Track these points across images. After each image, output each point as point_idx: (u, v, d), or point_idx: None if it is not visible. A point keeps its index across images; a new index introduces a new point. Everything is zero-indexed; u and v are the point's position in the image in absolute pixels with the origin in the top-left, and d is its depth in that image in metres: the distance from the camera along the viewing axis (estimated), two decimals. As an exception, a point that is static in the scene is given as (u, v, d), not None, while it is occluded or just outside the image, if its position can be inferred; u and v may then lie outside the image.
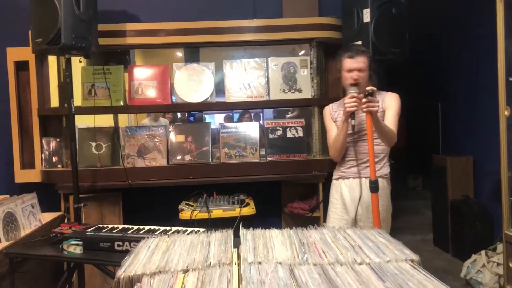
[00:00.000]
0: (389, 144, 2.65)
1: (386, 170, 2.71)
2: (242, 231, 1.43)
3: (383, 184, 2.63)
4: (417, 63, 4.83)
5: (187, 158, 3.55)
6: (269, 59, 3.72)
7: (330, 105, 2.88)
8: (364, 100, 2.38)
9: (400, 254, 1.23)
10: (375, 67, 2.68)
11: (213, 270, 1.15)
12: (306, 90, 3.71)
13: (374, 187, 2.36)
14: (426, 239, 5.11)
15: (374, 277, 1.08)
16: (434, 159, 4.96)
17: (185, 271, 1.16)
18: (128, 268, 1.20)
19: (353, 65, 2.57)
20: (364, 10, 3.20)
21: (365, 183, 2.61)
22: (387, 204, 2.69)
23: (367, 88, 2.41)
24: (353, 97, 2.43)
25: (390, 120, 2.63)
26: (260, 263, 1.16)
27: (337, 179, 2.78)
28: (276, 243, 1.33)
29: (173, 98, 3.71)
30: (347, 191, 2.69)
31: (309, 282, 1.05)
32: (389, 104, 2.67)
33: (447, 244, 4.68)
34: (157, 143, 3.58)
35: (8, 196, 3.22)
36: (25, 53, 3.49)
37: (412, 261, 1.19)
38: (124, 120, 4.59)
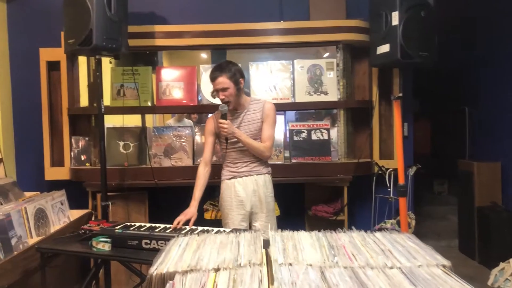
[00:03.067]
0: (261, 158, 2.84)
1: (267, 169, 2.90)
2: (271, 233, 1.43)
3: (265, 178, 2.86)
4: (444, 66, 4.75)
5: (213, 158, 3.57)
6: (295, 61, 3.72)
7: (213, 116, 2.94)
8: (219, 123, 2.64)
9: (431, 259, 1.23)
10: (242, 77, 2.77)
11: (244, 270, 1.16)
12: (332, 93, 3.70)
13: (403, 191, 2.34)
14: (451, 245, 5.02)
15: (406, 281, 1.08)
16: (460, 164, 4.87)
17: (216, 270, 1.17)
18: (160, 265, 1.22)
19: (216, 87, 2.73)
20: (393, 13, 3.16)
21: (258, 179, 2.83)
22: (270, 195, 2.89)
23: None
24: (220, 123, 2.67)
25: (266, 133, 2.81)
26: (290, 264, 1.17)
27: (230, 179, 2.90)
28: (305, 245, 1.33)
29: (199, 99, 3.75)
30: (241, 188, 2.83)
31: (340, 284, 1.05)
32: (266, 115, 2.82)
33: (473, 251, 4.58)
34: (183, 143, 3.62)
35: (38, 192, 3.31)
36: (57, 54, 3.59)
37: (444, 266, 1.18)
38: (150, 120, 4.66)
